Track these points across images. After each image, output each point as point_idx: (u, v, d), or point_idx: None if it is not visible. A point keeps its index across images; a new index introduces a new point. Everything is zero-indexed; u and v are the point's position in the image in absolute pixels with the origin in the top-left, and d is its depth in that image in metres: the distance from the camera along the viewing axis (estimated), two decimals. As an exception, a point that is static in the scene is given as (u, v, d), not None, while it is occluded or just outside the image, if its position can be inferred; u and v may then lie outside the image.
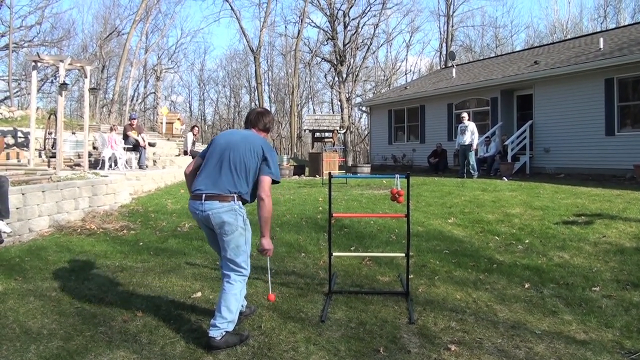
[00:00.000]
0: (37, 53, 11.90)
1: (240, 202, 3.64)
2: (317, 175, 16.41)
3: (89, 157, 12.97)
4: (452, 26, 38.40)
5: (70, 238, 7.21)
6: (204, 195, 3.59)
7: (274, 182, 3.69)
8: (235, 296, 3.62)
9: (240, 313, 4.00)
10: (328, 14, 33.15)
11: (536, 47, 24.69)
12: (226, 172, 3.61)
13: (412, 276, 5.08)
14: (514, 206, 8.47)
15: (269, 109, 4.22)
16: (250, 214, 3.75)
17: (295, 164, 20.39)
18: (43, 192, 7.64)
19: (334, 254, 5.04)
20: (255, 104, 42.93)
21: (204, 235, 3.99)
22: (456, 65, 23.79)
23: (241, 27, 41.82)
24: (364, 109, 25.86)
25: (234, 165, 3.62)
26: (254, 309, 4.26)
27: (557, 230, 6.88)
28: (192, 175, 3.84)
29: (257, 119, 3.93)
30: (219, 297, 3.65)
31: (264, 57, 45.43)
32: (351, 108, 35.18)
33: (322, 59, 37.93)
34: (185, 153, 15.88)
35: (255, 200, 3.71)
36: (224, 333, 3.53)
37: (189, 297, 4.70)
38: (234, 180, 3.60)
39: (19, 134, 13.96)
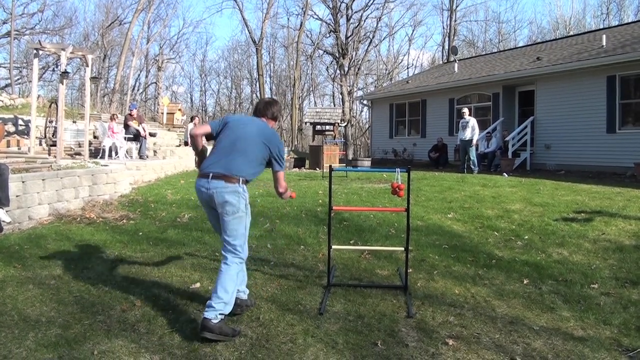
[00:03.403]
0: (39, 41, 11.85)
1: (244, 186, 3.77)
2: (317, 168, 16.41)
3: (90, 146, 12.95)
4: (455, 21, 38.26)
5: (70, 227, 7.21)
6: (211, 174, 3.71)
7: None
8: (231, 277, 3.67)
9: (242, 303, 4.02)
10: (331, 6, 33.00)
11: (539, 43, 24.59)
12: (236, 157, 3.76)
13: (411, 270, 5.08)
14: (514, 202, 8.47)
15: (276, 99, 4.38)
16: (252, 205, 3.74)
17: (295, 156, 20.38)
18: (43, 180, 7.63)
19: (334, 247, 5.04)
20: (257, 96, 42.90)
21: (205, 225, 4.05)
22: (458, 60, 23.72)
23: (243, 18, 41.68)
24: (365, 102, 25.80)
25: (245, 152, 3.79)
26: (254, 302, 4.25)
27: (557, 227, 6.88)
28: (200, 139, 3.91)
29: (265, 108, 4.13)
30: (217, 279, 3.69)
31: (266, 48, 45.35)
32: (352, 101, 35.10)
33: (324, 51, 37.82)
34: (186, 144, 15.88)
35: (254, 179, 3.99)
36: (218, 316, 3.53)
37: (188, 287, 4.70)
38: (242, 166, 3.75)
39: (20, 122, 13.95)
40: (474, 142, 13.90)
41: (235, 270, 3.74)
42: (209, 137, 3.97)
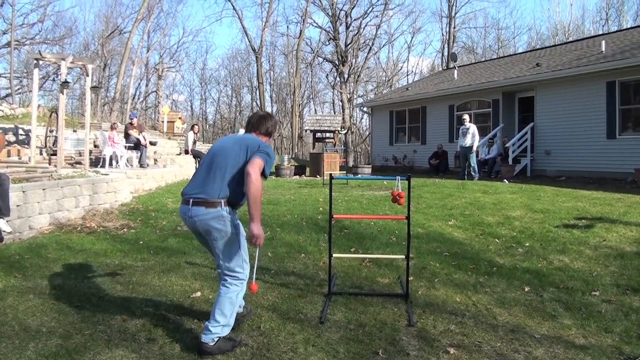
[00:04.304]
0: (39, 51, 11.90)
1: (228, 208, 3.49)
2: (317, 176, 16.41)
3: (90, 155, 12.96)
4: (454, 27, 38.40)
5: (71, 236, 7.21)
6: (191, 201, 3.50)
7: (263, 175, 3.48)
8: (230, 300, 3.54)
9: (238, 317, 3.96)
10: (330, 14, 33.16)
11: (538, 49, 24.67)
12: (214, 177, 3.50)
13: (412, 278, 5.07)
14: (515, 209, 8.46)
15: (271, 113, 4.02)
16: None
17: (296, 164, 20.39)
18: (44, 190, 7.64)
19: (334, 255, 5.04)
20: (257, 104, 42.99)
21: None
22: (458, 66, 23.76)
23: (243, 27, 42.05)
24: (365, 109, 25.83)
25: (224, 166, 3.50)
26: (250, 309, 4.22)
27: (558, 234, 6.87)
28: None
29: (258, 123, 3.83)
30: (215, 300, 3.59)
31: (265, 56, 45.49)
32: (352, 108, 35.16)
33: (324, 59, 37.94)
34: (187, 152, 15.88)
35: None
36: (216, 339, 3.46)
37: (189, 296, 4.69)
38: (222, 185, 3.47)
39: (20, 132, 13.96)
40: (475, 148, 13.90)
41: (235, 292, 3.57)
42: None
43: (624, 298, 4.66)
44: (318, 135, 19.89)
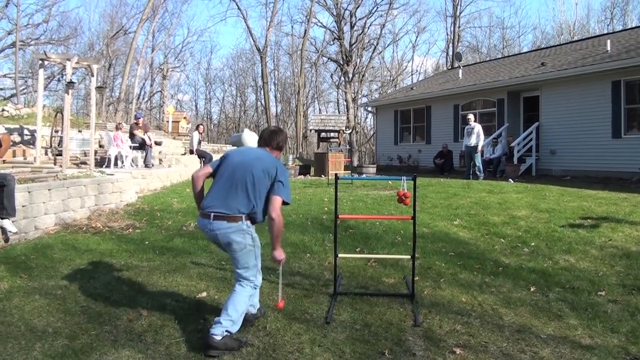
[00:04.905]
0: (44, 51, 11.93)
1: (249, 222, 3.69)
2: (322, 175, 16.41)
3: (95, 155, 12.98)
4: (459, 27, 38.30)
5: (76, 236, 7.23)
6: (212, 215, 3.63)
7: (284, 203, 3.70)
8: (244, 298, 3.69)
9: (251, 317, 4.00)
10: (335, 13, 33.18)
11: (543, 48, 24.61)
12: (236, 192, 3.65)
13: (417, 278, 5.06)
14: (520, 208, 8.44)
15: (282, 128, 4.21)
16: (259, 231, 3.75)
17: (300, 163, 20.39)
18: (49, 190, 7.66)
19: (340, 255, 5.04)
20: (261, 104, 43.09)
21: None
22: (463, 66, 23.69)
23: (248, 27, 41.62)
24: (369, 109, 25.81)
25: (245, 185, 3.65)
26: (264, 312, 4.24)
27: (563, 234, 6.85)
28: (201, 181, 3.88)
29: (270, 138, 3.97)
30: (229, 296, 3.70)
31: (270, 56, 45.42)
32: (357, 108, 35.18)
33: (329, 58, 37.94)
34: (192, 152, 15.88)
35: (266, 219, 3.77)
36: (224, 333, 3.52)
37: (195, 296, 4.70)
38: (244, 201, 3.64)
39: (26, 132, 14.00)
40: (479, 148, 13.87)
41: (249, 292, 3.76)
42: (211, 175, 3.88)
43: (630, 298, 4.64)
44: (322, 134, 19.94)
